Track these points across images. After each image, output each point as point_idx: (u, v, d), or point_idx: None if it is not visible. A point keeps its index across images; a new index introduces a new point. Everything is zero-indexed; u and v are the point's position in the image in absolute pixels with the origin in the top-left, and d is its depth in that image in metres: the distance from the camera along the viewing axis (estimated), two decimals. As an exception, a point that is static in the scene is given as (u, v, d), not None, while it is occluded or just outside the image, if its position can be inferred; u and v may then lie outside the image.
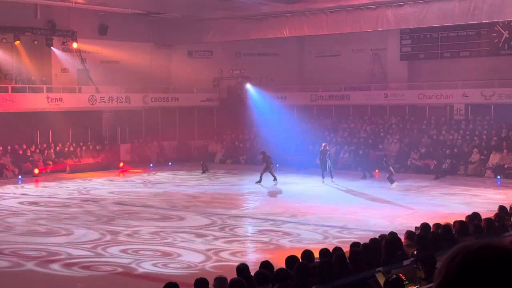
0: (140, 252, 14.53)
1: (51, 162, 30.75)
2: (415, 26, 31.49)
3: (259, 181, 26.14)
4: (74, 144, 32.35)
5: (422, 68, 35.64)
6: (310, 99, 36.87)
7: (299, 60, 39.95)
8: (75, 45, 32.75)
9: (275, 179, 26.20)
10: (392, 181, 24.67)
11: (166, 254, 14.31)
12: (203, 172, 30.01)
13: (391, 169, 25.26)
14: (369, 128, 33.88)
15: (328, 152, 27.00)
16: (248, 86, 38.15)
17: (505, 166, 27.84)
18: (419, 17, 29.85)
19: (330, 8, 31.90)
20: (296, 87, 38.51)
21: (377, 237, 10.16)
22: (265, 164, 26.46)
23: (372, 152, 31.05)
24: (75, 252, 14.56)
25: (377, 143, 31.97)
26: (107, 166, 32.00)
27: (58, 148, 31.67)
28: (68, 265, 13.50)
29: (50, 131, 32.27)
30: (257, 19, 34.55)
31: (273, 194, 24.17)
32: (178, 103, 37.07)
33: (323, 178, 26.47)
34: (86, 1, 31.59)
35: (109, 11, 33.64)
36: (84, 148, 32.52)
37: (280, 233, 16.53)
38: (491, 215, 11.68)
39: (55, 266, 13.48)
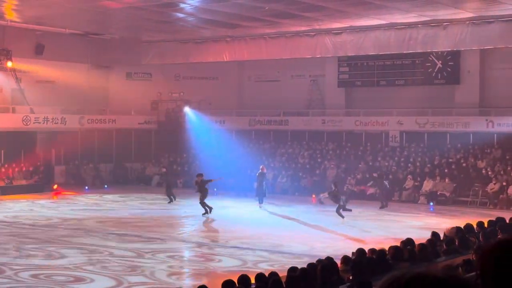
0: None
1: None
2: (353, 54, 32.08)
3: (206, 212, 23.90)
4: (6, 165, 31.44)
5: (359, 95, 36.25)
6: (248, 124, 36.96)
7: (238, 84, 40.06)
8: (9, 64, 32.01)
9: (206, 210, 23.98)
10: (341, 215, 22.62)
11: (78, 280, 13.98)
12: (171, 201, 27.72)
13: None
14: (307, 153, 34.17)
15: (265, 176, 27.09)
16: (187, 109, 38.00)
17: (438, 193, 28.49)
18: (356, 45, 30.48)
19: (270, 34, 32.24)
20: (235, 111, 38.56)
21: (314, 261, 10.17)
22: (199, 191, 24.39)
23: (309, 178, 31.49)
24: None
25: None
26: (40, 188, 31.19)
27: (-11, 169, 30.75)
28: None
29: (-19, 151, 31.37)
30: (197, 43, 34.58)
31: (209, 218, 23.86)
32: (116, 125, 36.59)
33: (260, 202, 26.45)
34: (22, 20, 30.97)
35: (46, 31, 33.04)
36: (16, 169, 31.62)
37: (216, 258, 16.39)
38: (424, 240, 11.88)
39: None
